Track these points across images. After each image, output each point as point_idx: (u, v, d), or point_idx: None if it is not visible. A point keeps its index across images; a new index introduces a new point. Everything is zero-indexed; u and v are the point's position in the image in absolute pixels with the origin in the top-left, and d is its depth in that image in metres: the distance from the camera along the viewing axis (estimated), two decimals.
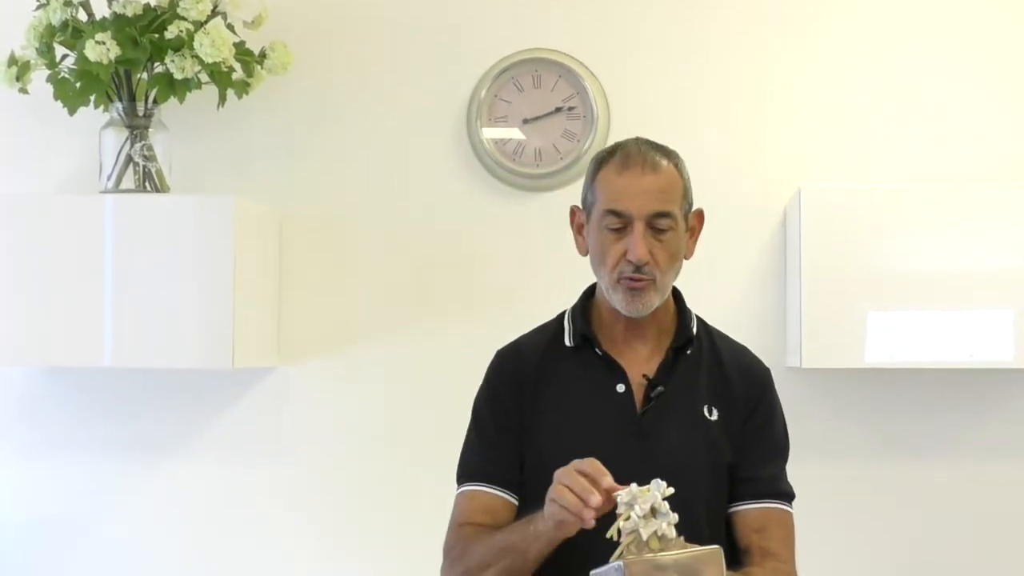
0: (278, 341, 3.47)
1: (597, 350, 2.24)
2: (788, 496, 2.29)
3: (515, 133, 3.42)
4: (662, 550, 1.84)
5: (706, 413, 2.23)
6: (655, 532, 1.84)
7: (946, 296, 3.12)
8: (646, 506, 1.84)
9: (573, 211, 2.29)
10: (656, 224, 2.14)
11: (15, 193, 3.43)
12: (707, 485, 2.20)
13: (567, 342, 2.27)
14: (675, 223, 2.17)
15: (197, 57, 3.16)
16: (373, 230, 3.47)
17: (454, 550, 2.19)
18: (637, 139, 2.27)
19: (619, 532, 1.86)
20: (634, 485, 1.87)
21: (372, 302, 3.46)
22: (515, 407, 2.24)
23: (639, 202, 2.14)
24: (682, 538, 1.87)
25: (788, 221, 3.34)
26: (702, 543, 2.15)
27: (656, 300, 2.18)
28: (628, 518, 1.85)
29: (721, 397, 2.25)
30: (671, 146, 2.31)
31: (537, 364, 2.26)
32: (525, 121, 3.42)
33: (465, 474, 2.27)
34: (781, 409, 2.34)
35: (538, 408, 2.23)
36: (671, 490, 1.87)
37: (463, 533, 2.20)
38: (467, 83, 3.44)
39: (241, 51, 3.30)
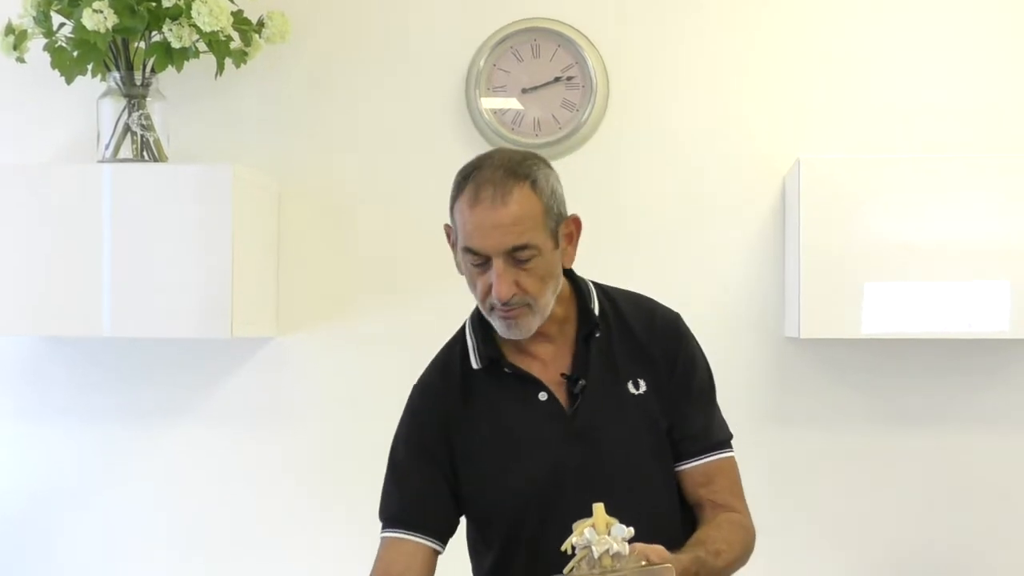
0: (277, 310, 3.47)
1: (506, 368, 2.18)
2: (725, 442, 2.24)
3: (514, 103, 3.41)
4: (614, 567, 1.83)
5: (632, 388, 2.19)
6: (607, 550, 1.82)
7: (943, 267, 3.12)
8: (601, 549, 1.82)
9: (447, 229, 2.17)
10: (516, 256, 2.04)
11: (13, 162, 3.43)
12: (653, 463, 2.19)
13: (475, 365, 2.20)
14: (538, 250, 2.05)
15: (195, 26, 3.15)
16: (372, 200, 3.47)
17: None
18: (492, 159, 2.10)
19: (572, 547, 1.85)
20: (589, 530, 1.84)
21: (370, 272, 3.47)
22: (440, 443, 2.20)
23: (493, 239, 2.03)
24: (635, 552, 1.85)
25: (787, 191, 3.34)
26: (660, 522, 2.14)
27: (536, 322, 2.11)
28: (582, 533, 1.84)
29: (641, 365, 2.20)
30: (670, 115, 2.26)
31: (457, 395, 2.21)
32: (524, 91, 3.42)
33: (385, 519, 2.25)
34: (700, 352, 2.28)
35: (468, 439, 2.19)
36: (631, 531, 1.84)
37: None
38: (465, 52, 3.43)
39: (239, 20, 3.28)
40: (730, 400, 2.36)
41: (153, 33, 3.21)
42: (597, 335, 2.20)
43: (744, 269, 3.39)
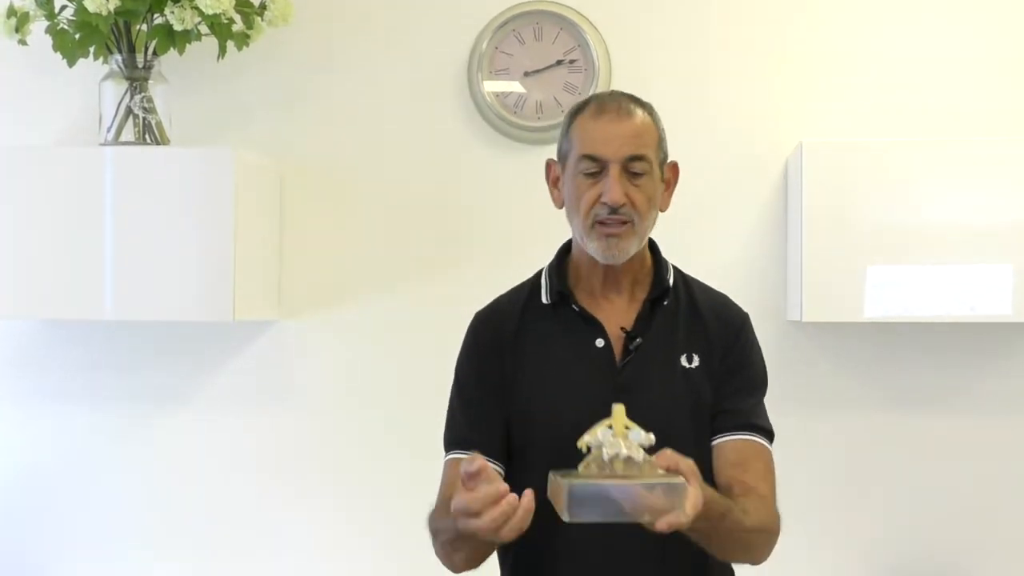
0: (279, 294, 3.47)
1: (574, 306, 2.24)
2: (765, 431, 2.25)
3: (516, 86, 3.41)
4: (626, 473, 1.77)
5: (684, 362, 2.21)
6: (617, 454, 1.77)
7: (946, 250, 3.12)
8: (613, 451, 1.77)
9: (549, 165, 2.29)
10: (631, 168, 2.15)
11: (15, 145, 3.42)
12: (691, 434, 2.18)
13: (544, 299, 2.27)
14: (650, 167, 2.17)
15: (197, 8, 3.14)
16: (374, 183, 3.47)
17: (432, 523, 2.18)
18: (612, 91, 2.33)
19: (588, 446, 1.81)
20: (603, 430, 1.79)
21: (373, 255, 3.47)
22: (496, 369, 2.23)
23: (614, 146, 2.15)
24: (652, 459, 1.80)
25: (789, 175, 3.34)
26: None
27: (634, 245, 2.18)
28: (596, 433, 1.79)
29: (698, 344, 2.23)
30: (672, 97, 2.31)
31: (516, 324, 2.26)
32: (526, 74, 3.41)
33: (451, 441, 2.26)
34: (759, 352, 2.32)
35: (519, 367, 2.22)
36: (651, 438, 1.80)
37: (439, 506, 2.18)
38: (468, 35, 3.42)
39: (241, 3, 3.27)
40: None
41: (155, 15, 3.21)
42: (665, 303, 2.24)
43: (746, 253, 3.39)
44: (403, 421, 3.44)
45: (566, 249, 2.32)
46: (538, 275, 2.33)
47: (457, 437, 2.25)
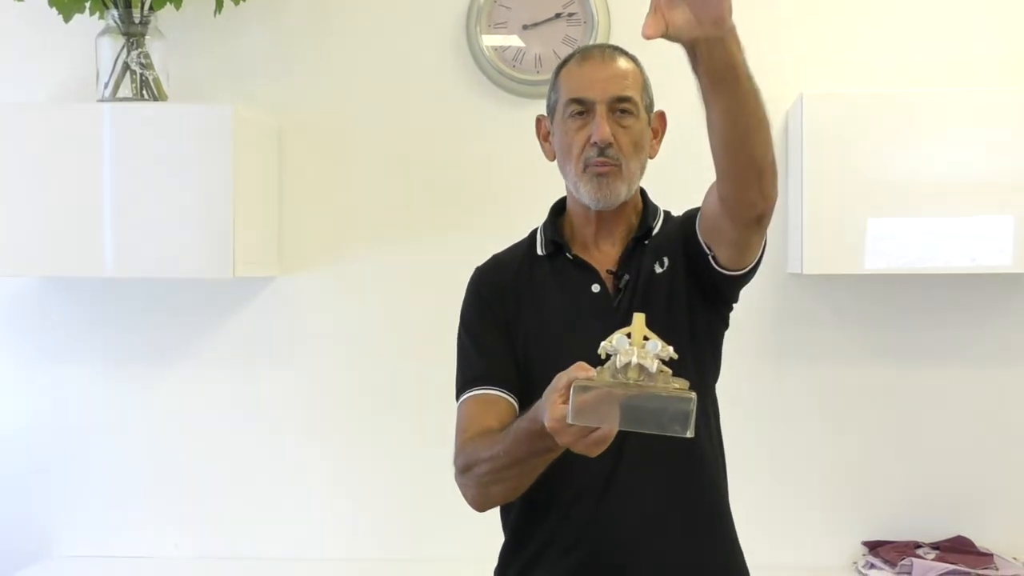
0: (279, 250, 3.47)
1: (568, 255, 2.27)
2: None
3: (515, 40, 3.39)
4: (638, 382, 1.73)
5: (657, 268, 2.22)
6: (630, 362, 1.73)
7: (946, 202, 3.11)
8: (625, 359, 1.74)
9: (539, 120, 2.33)
10: (618, 108, 2.19)
11: (12, 102, 3.41)
12: (691, 363, 2.14)
13: (540, 251, 2.30)
14: (636, 109, 2.21)
15: None
16: (373, 138, 3.46)
17: (459, 459, 2.17)
18: (596, 43, 2.36)
19: (608, 354, 1.78)
20: (620, 337, 1.74)
21: (372, 210, 3.46)
22: (501, 314, 2.26)
23: (599, 87, 2.20)
24: (669, 372, 1.76)
25: (789, 127, 3.33)
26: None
27: (623, 189, 2.21)
28: (612, 340, 1.76)
29: (667, 246, 2.24)
30: (671, 50, 2.28)
31: (515, 275, 2.29)
32: (525, 27, 3.40)
33: (469, 380, 2.25)
34: None
35: (519, 318, 2.25)
36: (670, 350, 1.75)
37: (466, 440, 2.18)
38: None
39: None
40: (733, 336, 2.35)
41: None
42: (647, 242, 2.26)
43: None
44: (403, 376, 3.44)
45: (560, 206, 2.36)
46: (534, 232, 2.36)
47: (475, 375, 2.24)
